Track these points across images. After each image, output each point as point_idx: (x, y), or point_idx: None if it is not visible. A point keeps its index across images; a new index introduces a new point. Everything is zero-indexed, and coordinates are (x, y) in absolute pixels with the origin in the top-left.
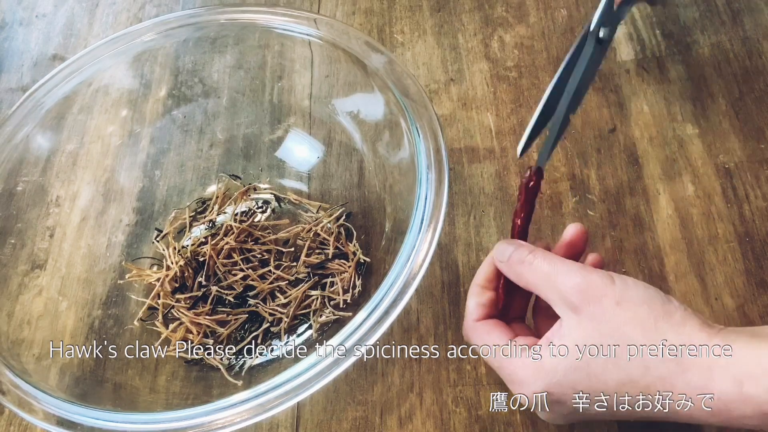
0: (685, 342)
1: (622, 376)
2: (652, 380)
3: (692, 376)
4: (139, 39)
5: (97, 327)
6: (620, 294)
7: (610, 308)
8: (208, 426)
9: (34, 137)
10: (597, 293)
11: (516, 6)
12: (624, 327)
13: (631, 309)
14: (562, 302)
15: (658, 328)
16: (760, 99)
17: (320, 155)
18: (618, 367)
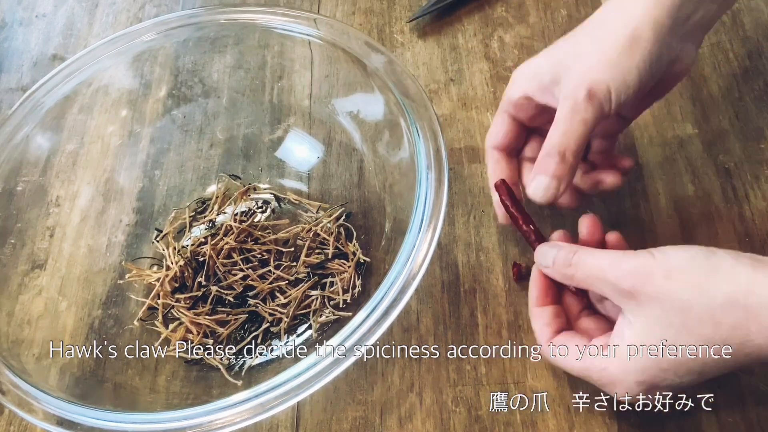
0: (743, 287)
1: (700, 341)
2: (726, 333)
3: (762, 317)
4: (139, 39)
5: (97, 327)
6: (665, 266)
7: (661, 283)
8: (208, 426)
9: (34, 137)
10: (644, 273)
11: (516, 6)
12: (681, 295)
13: (680, 277)
14: (618, 293)
15: (712, 284)
16: (760, 99)
17: (320, 155)
18: (691, 334)
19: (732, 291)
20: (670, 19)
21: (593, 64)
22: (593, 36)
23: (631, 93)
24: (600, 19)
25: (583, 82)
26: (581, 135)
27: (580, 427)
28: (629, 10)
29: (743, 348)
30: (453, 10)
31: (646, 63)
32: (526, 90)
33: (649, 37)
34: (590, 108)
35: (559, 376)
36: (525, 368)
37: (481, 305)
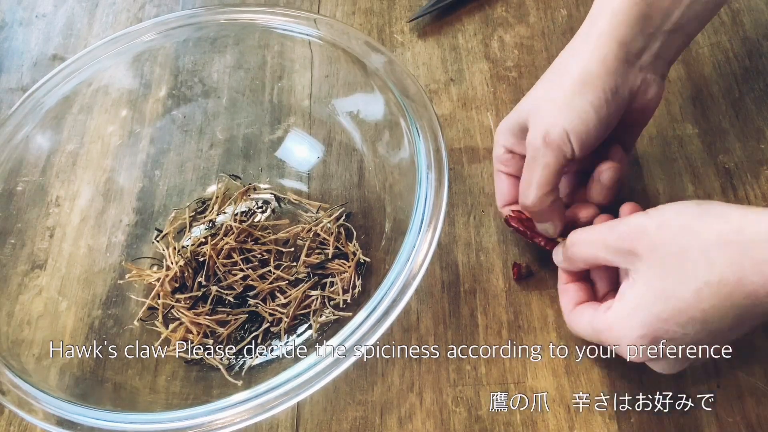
0: (734, 225)
1: (697, 284)
2: (721, 272)
3: (757, 252)
4: (139, 39)
5: (97, 327)
6: (658, 219)
7: (655, 233)
8: (208, 426)
9: (34, 137)
10: (640, 230)
11: (516, 6)
12: (675, 240)
13: (672, 224)
14: (620, 256)
15: (704, 225)
16: (760, 99)
17: (320, 155)
18: (688, 278)
19: (724, 230)
20: (621, 52)
21: (548, 110)
22: (550, 83)
23: (592, 130)
24: (558, 66)
25: (540, 129)
26: (544, 179)
27: (580, 427)
28: (580, 53)
29: (740, 288)
30: (453, 10)
31: (600, 99)
32: (505, 145)
33: (599, 73)
34: (549, 152)
35: (559, 376)
36: (525, 368)
37: (481, 305)
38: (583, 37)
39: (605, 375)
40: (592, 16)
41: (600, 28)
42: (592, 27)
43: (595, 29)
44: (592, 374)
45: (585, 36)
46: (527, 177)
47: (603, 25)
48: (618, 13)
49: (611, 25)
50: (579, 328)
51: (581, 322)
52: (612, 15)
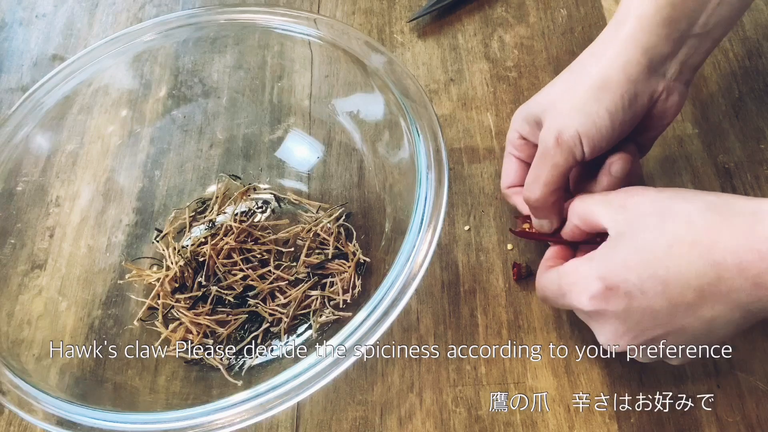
0: (725, 199)
1: (670, 240)
2: (697, 232)
3: (737, 219)
4: (139, 39)
5: (97, 327)
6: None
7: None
8: (208, 426)
9: (34, 137)
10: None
11: (516, 6)
12: (667, 203)
13: (668, 191)
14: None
15: (698, 196)
16: (760, 99)
17: (320, 155)
18: (666, 232)
19: (712, 200)
20: (645, 59)
21: (564, 110)
22: (568, 82)
23: (605, 135)
24: (578, 65)
25: (553, 128)
26: (552, 178)
27: (580, 427)
28: (602, 55)
29: (709, 254)
30: (453, 10)
31: (617, 105)
32: (520, 131)
33: (619, 79)
34: (559, 153)
35: (559, 376)
36: (525, 368)
37: (481, 305)
38: (606, 40)
39: (605, 375)
40: (617, 20)
41: (624, 33)
42: (617, 31)
43: (619, 33)
44: (592, 374)
45: (608, 39)
46: (535, 172)
47: (627, 29)
48: (643, 18)
49: (636, 30)
50: (544, 280)
51: (548, 275)
52: (637, 20)
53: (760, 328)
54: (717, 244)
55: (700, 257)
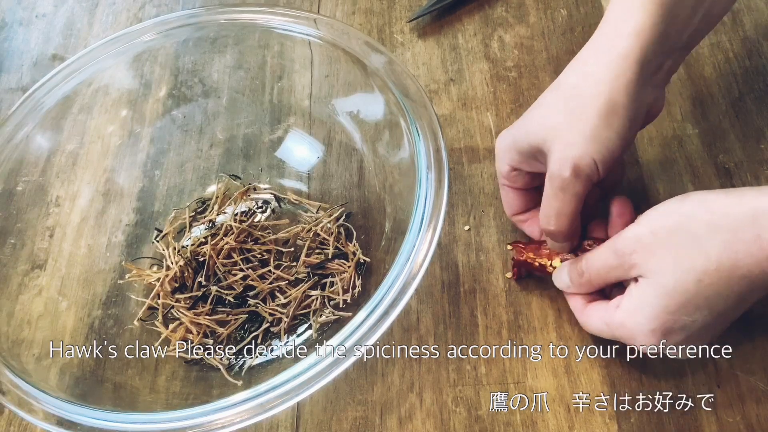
0: (720, 212)
1: (696, 275)
2: (717, 259)
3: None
4: (139, 39)
5: (97, 327)
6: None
7: (650, 241)
8: (208, 426)
9: (34, 137)
10: (635, 242)
11: (516, 6)
12: (670, 240)
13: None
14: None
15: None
16: (760, 99)
17: (320, 155)
18: (687, 270)
19: (711, 220)
20: (642, 75)
21: (575, 141)
22: (567, 107)
23: (617, 155)
24: (570, 87)
25: (567, 160)
26: (573, 208)
27: (580, 427)
28: (601, 74)
29: (736, 271)
30: (453, 10)
31: (625, 127)
32: (511, 163)
33: (624, 103)
34: (578, 183)
35: (559, 376)
36: (525, 368)
37: (481, 305)
38: (599, 58)
39: (605, 375)
40: (609, 35)
41: (622, 49)
42: (611, 47)
43: (614, 50)
44: (592, 374)
45: (602, 56)
46: (555, 205)
47: (625, 45)
48: (641, 33)
49: (633, 47)
50: (594, 327)
51: (595, 321)
52: (634, 36)
53: (760, 328)
54: (738, 263)
55: (729, 278)
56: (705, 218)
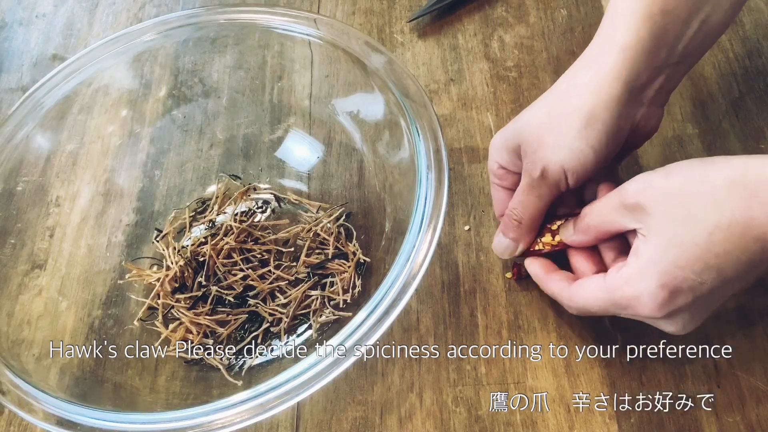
0: (740, 170)
1: (708, 228)
2: (730, 215)
3: (763, 193)
4: (139, 39)
5: (97, 327)
6: (662, 171)
7: (662, 184)
8: (208, 426)
9: (34, 137)
10: (646, 184)
11: (516, 6)
12: (682, 187)
13: (679, 172)
14: (630, 214)
15: (710, 171)
16: (760, 99)
17: (320, 155)
18: (698, 224)
19: (729, 175)
20: (626, 91)
21: (549, 145)
22: (551, 113)
23: (590, 168)
24: (559, 94)
25: (539, 162)
26: (537, 208)
27: (580, 427)
28: (586, 87)
29: (750, 230)
30: (453, 10)
31: (601, 142)
32: (500, 161)
33: (604, 119)
34: (544, 186)
35: (559, 376)
36: (525, 368)
37: (481, 305)
38: (588, 70)
39: (605, 375)
40: (597, 49)
41: (606, 65)
42: (598, 61)
43: (600, 64)
44: (592, 374)
45: (590, 69)
46: (519, 199)
47: (609, 61)
48: (626, 49)
49: (618, 62)
50: (588, 296)
51: (590, 290)
52: (619, 51)
53: (760, 328)
54: (753, 221)
55: (741, 237)
56: (724, 173)
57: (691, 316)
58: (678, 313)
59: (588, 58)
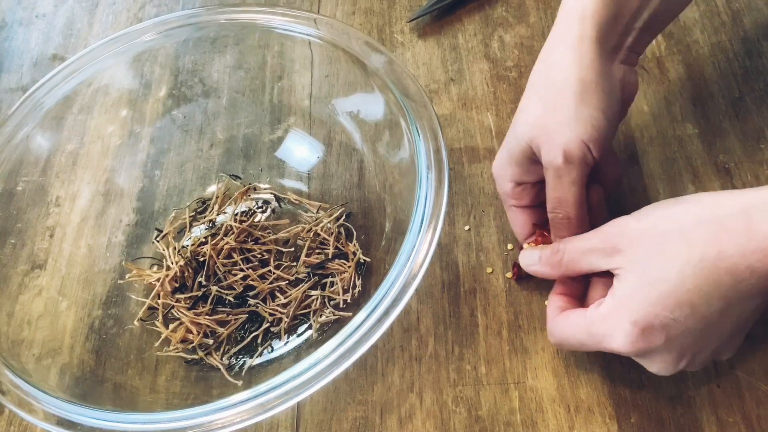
0: (708, 205)
1: (679, 264)
2: (700, 250)
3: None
4: (139, 39)
5: (97, 327)
6: (637, 215)
7: (636, 226)
8: (208, 426)
9: (34, 137)
10: (621, 228)
11: (516, 6)
12: (655, 228)
13: (651, 214)
14: (605, 255)
15: (679, 210)
16: (760, 99)
17: (320, 155)
18: (670, 259)
19: (698, 211)
20: (604, 52)
21: (559, 127)
22: (543, 98)
23: (606, 132)
24: (541, 79)
25: (556, 147)
26: (576, 194)
27: (580, 427)
28: (563, 61)
29: (720, 263)
30: (453, 10)
31: (604, 102)
32: (513, 178)
33: (594, 79)
34: (573, 168)
35: (559, 376)
36: (525, 368)
37: (481, 305)
38: (559, 45)
39: (605, 375)
40: (564, 22)
41: (576, 34)
42: (567, 33)
43: (570, 35)
44: (592, 374)
45: (561, 44)
46: (557, 195)
47: (579, 29)
48: (593, 15)
49: (586, 29)
50: (567, 328)
51: (570, 322)
52: (588, 18)
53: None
54: (722, 254)
55: (712, 271)
56: (693, 210)
57: (670, 356)
58: (654, 352)
59: (556, 34)
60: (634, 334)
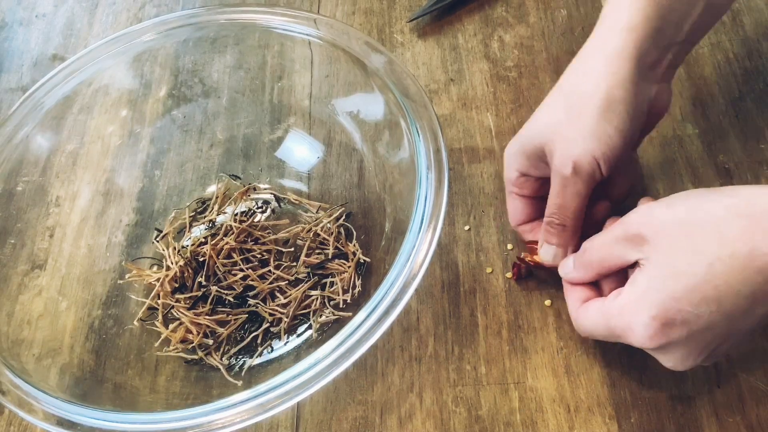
0: (743, 199)
1: (709, 259)
2: (732, 246)
3: (766, 223)
4: (139, 39)
5: (97, 327)
6: (665, 201)
7: (664, 214)
8: (208, 426)
9: (34, 137)
10: (647, 214)
11: (516, 6)
12: (686, 217)
13: (680, 204)
14: (630, 245)
15: (712, 201)
16: (760, 99)
17: (320, 155)
18: (699, 255)
19: (733, 204)
20: (638, 70)
21: (575, 139)
22: (567, 105)
23: (619, 152)
24: (570, 85)
25: (567, 157)
26: (577, 206)
27: (580, 427)
28: (597, 74)
29: (752, 261)
30: (453, 10)
31: (625, 122)
32: (519, 168)
33: (622, 98)
34: (579, 181)
35: (559, 376)
36: (525, 368)
37: (481, 305)
38: (594, 55)
39: (605, 375)
40: (603, 33)
41: (615, 46)
42: (606, 44)
43: (609, 47)
44: (592, 374)
45: (598, 54)
46: (558, 202)
47: (618, 42)
48: (633, 30)
49: (627, 43)
50: (588, 321)
51: (590, 316)
52: (627, 32)
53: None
54: (755, 251)
55: (743, 268)
56: (726, 202)
57: (687, 351)
58: (672, 346)
59: (594, 44)
60: (654, 329)
